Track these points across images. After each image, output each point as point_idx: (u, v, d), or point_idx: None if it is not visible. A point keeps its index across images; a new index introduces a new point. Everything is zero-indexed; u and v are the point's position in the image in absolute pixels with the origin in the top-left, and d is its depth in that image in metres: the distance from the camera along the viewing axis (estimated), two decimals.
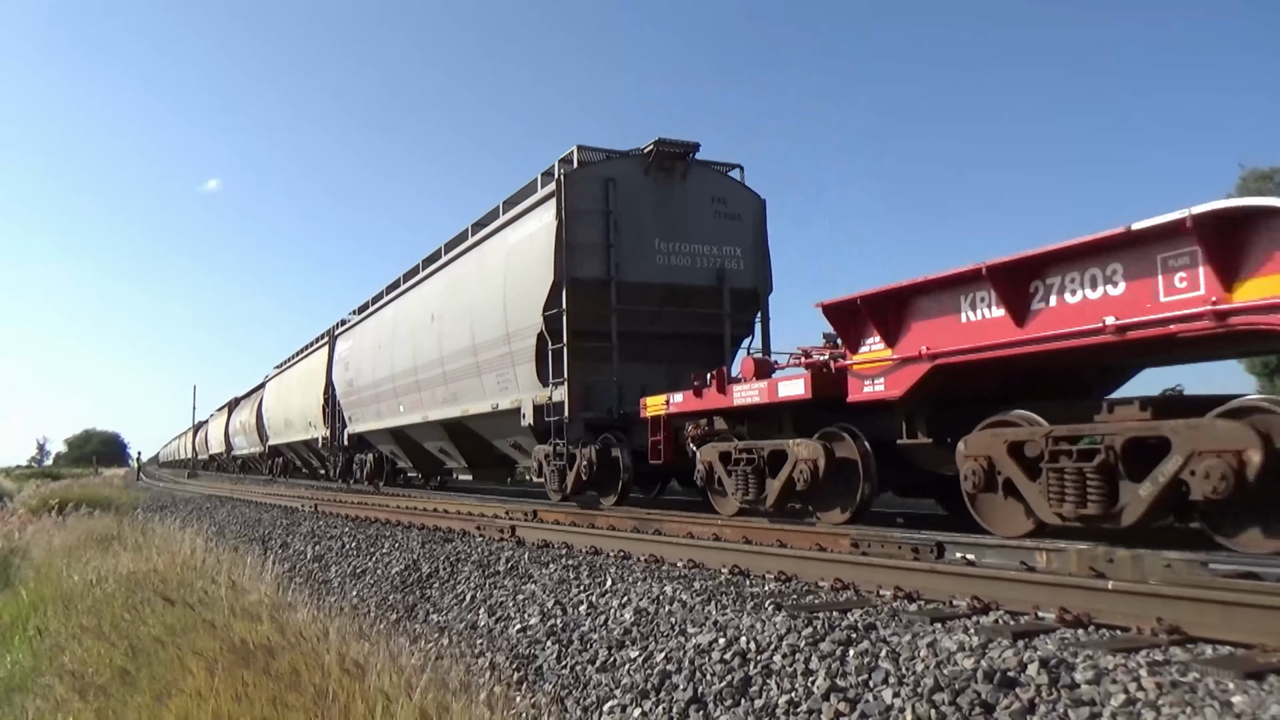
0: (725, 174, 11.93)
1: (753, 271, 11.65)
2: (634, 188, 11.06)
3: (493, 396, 12.48)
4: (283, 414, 27.65)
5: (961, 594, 4.26)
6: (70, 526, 14.26)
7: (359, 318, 19.89)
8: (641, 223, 11.01)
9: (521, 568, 6.32)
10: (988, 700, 2.92)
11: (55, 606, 7.50)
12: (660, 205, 11.17)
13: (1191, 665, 3.02)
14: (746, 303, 11.57)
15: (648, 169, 11.20)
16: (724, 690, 3.48)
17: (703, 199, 11.49)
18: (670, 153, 11.16)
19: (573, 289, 10.55)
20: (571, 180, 10.75)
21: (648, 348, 10.90)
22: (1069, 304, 5.20)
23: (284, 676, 3.83)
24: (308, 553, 9.27)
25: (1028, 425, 5.55)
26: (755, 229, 11.80)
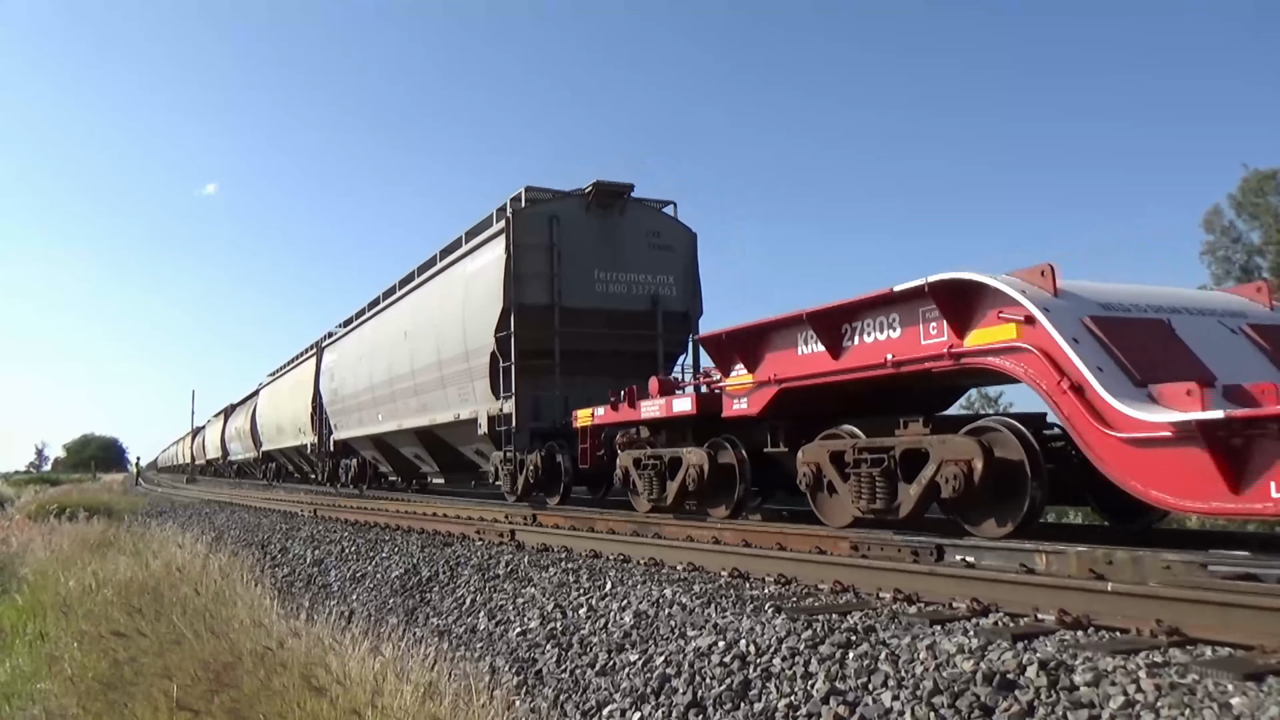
0: (659, 210, 13.31)
1: (684, 296, 13.00)
2: (576, 223, 12.41)
3: (455, 407, 13.80)
4: (275, 421, 28.91)
5: (961, 596, 4.26)
6: (68, 532, 14.25)
7: (344, 331, 21.29)
8: (583, 254, 12.35)
9: (521, 571, 6.32)
10: (987, 703, 2.92)
11: (54, 612, 7.49)
12: (600, 238, 12.53)
13: (1191, 667, 3.02)
14: (678, 324, 12.84)
15: (588, 207, 12.55)
16: (723, 694, 3.48)
17: (638, 233, 12.86)
18: (608, 192, 12.54)
19: (520, 314, 11.91)
20: (519, 217, 12.17)
21: (590, 365, 12.01)
22: (867, 343, 6.46)
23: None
24: (307, 557, 9.27)
25: (849, 438, 6.66)
26: (686, 259, 13.17)
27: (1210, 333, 5.70)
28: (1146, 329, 5.46)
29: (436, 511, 11.50)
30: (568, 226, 12.33)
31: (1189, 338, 5.49)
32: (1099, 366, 4.98)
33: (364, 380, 18.53)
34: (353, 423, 19.77)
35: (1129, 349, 5.16)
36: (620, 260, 12.63)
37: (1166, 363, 5.19)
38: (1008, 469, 5.59)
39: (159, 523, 15.83)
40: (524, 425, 11.85)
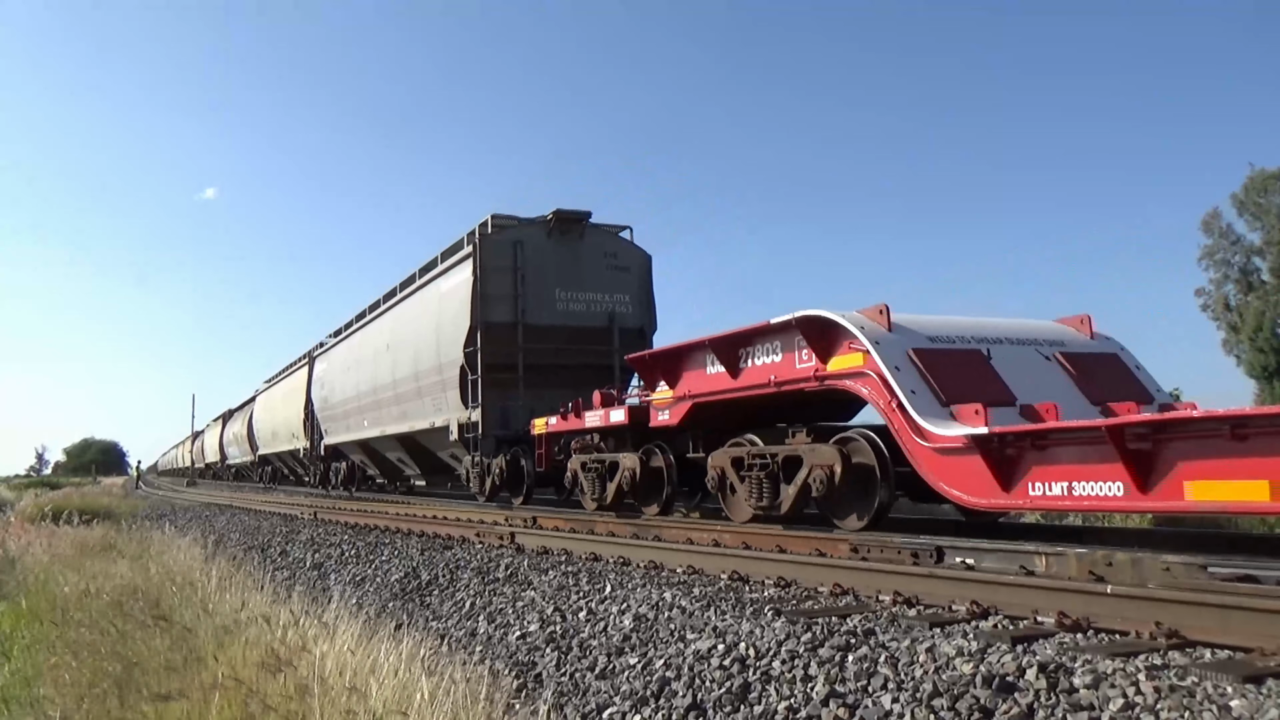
0: (616, 234, 14.31)
1: (639, 313, 14.00)
2: (538, 248, 13.45)
3: (430, 415, 14.82)
4: (270, 426, 30.17)
5: (961, 599, 4.26)
6: (67, 536, 14.24)
7: (334, 342, 22.43)
8: (544, 276, 13.38)
9: (521, 574, 6.32)
10: (987, 705, 2.92)
11: (52, 616, 7.48)
12: (560, 261, 13.57)
13: (1190, 669, 3.02)
14: (634, 339, 13.50)
15: (550, 232, 13.57)
16: (723, 697, 3.48)
17: (597, 255, 13.88)
18: (567, 218, 13.56)
19: (486, 331, 12.90)
20: (485, 243, 13.20)
21: (552, 377, 12.92)
22: (757, 366, 7.51)
23: None
24: (307, 560, 9.27)
25: (749, 445, 7.64)
26: (641, 279, 14.17)
27: (1024, 360, 6.79)
28: (963, 358, 6.55)
29: (436, 514, 11.50)
30: (531, 250, 13.36)
31: (1002, 364, 6.57)
32: (913, 390, 6.07)
33: (351, 389, 19.65)
34: (341, 428, 20.94)
35: (941, 375, 6.23)
36: (580, 280, 13.66)
37: (974, 386, 6.22)
38: (863, 472, 6.61)
39: (158, 526, 15.83)
40: (490, 432, 12.87)
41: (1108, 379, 6.98)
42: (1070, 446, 5.04)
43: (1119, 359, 7.41)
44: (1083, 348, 7.31)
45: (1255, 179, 39.28)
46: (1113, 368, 7.23)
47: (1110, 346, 7.53)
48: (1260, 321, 37.86)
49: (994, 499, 5.45)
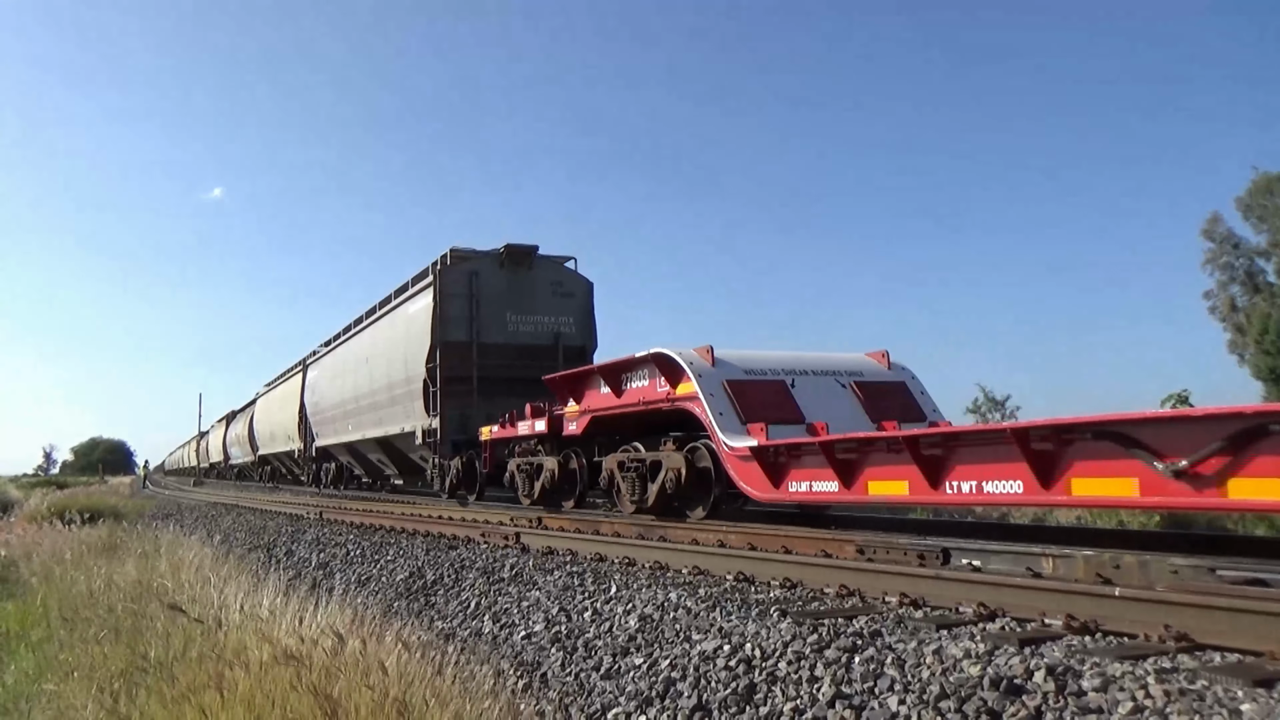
0: (562, 264, 16.21)
1: (581, 333, 15.87)
2: (491, 276, 15.43)
3: (401, 421, 16.77)
4: (269, 428, 32.30)
5: (967, 600, 4.24)
6: (75, 535, 14.27)
7: (324, 351, 24.40)
8: (497, 301, 15.36)
9: (526, 575, 6.31)
10: (994, 708, 2.91)
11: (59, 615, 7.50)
12: (511, 288, 15.54)
13: (1200, 672, 3.00)
14: (577, 356, 15.19)
15: (502, 263, 15.53)
16: (729, 697, 3.47)
17: (544, 283, 15.84)
18: (517, 251, 15.57)
19: (445, 350, 14.86)
20: (444, 273, 15.23)
21: (505, 388, 14.30)
22: (633, 388, 9.30)
23: None
24: (312, 560, 9.27)
25: (632, 451, 9.35)
26: (584, 303, 16.07)
27: (822, 387, 8.49)
28: (767, 386, 8.27)
29: (441, 514, 11.50)
30: (484, 279, 15.34)
31: (802, 392, 8.32)
32: (720, 412, 7.89)
33: (337, 396, 21.74)
34: (330, 432, 22.88)
35: (744, 400, 7.99)
36: (528, 305, 15.64)
37: (772, 409, 7.92)
38: (703, 474, 8.30)
39: (165, 525, 15.86)
40: (448, 437, 14.73)
41: (890, 402, 8.62)
42: (808, 455, 6.84)
43: (906, 386, 9.06)
44: (876, 376, 9.04)
45: (1260, 182, 39.16)
46: (898, 393, 8.87)
47: (901, 376, 9.21)
48: (1266, 324, 37.70)
49: (768, 493, 7.26)
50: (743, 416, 7.87)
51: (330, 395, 22.48)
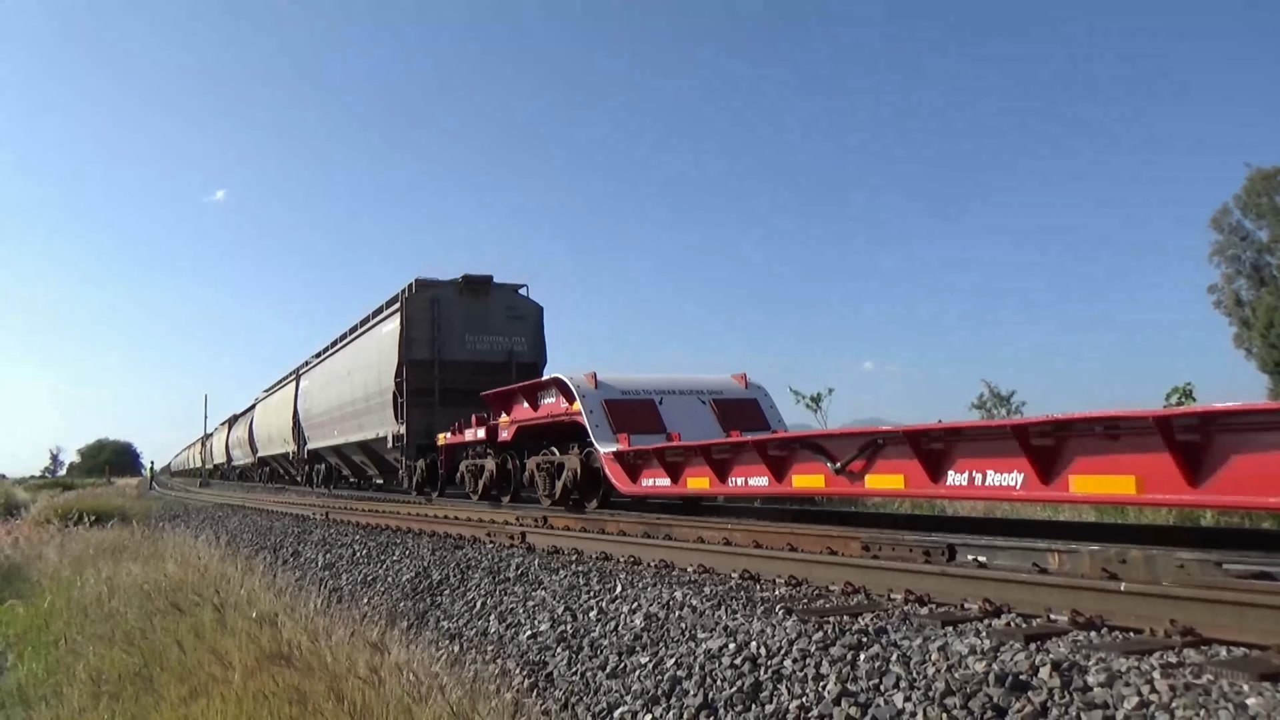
0: (515, 290, 18.62)
1: (532, 351, 18.21)
2: (451, 302, 17.84)
3: (376, 428, 19.27)
4: (267, 432, 34.75)
5: (973, 597, 4.23)
6: (82, 536, 14.32)
7: (316, 362, 26.60)
8: (456, 323, 17.73)
9: (532, 574, 6.32)
10: (1000, 704, 2.91)
11: (70, 616, 7.53)
12: (469, 312, 17.89)
13: (1205, 667, 2.99)
14: (528, 371, 17.33)
15: (461, 290, 17.89)
16: (734, 696, 3.47)
17: (499, 307, 18.22)
18: (474, 280, 17.98)
19: (410, 366, 17.40)
20: (410, 300, 17.75)
21: (463, 399, 15.79)
22: (545, 404, 11.53)
23: None
24: (318, 560, 9.29)
25: (548, 455, 11.34)
26: (535, 324, 18.46)
27: (686, 405, 10.58)
28: (638, 404, 10.38)
29: (447, 514, 11.51)
30: (445, 305, 17.72)
31: (668, 408, 10.43)
32: (597, 424, 9.97)
33: (325, 404, 24.26)
34: (319, 436, 25.40)
35: (616, 416, 10.06)
36: (485, 326, 17.97)
37: (639, 422, 10.03)
38: (595, 473, 10.24)
39: (172, 527, 15.90)
40: (413, 442, 17.09)
41: (742, 416, 10.59)
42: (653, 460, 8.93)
43: (757, 403, 11.08)
44: (734, 395, 11.09)
45: (1255, 179, 39.05)
46: (749, 408, 10.90)
47: (754, 394, 11.24)
48: (1272, 317, 37.57)
49: (628, 487, 9.30)
50: (614, 428, 9.96)
51: (319, 403, 25.06)
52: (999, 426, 5.59)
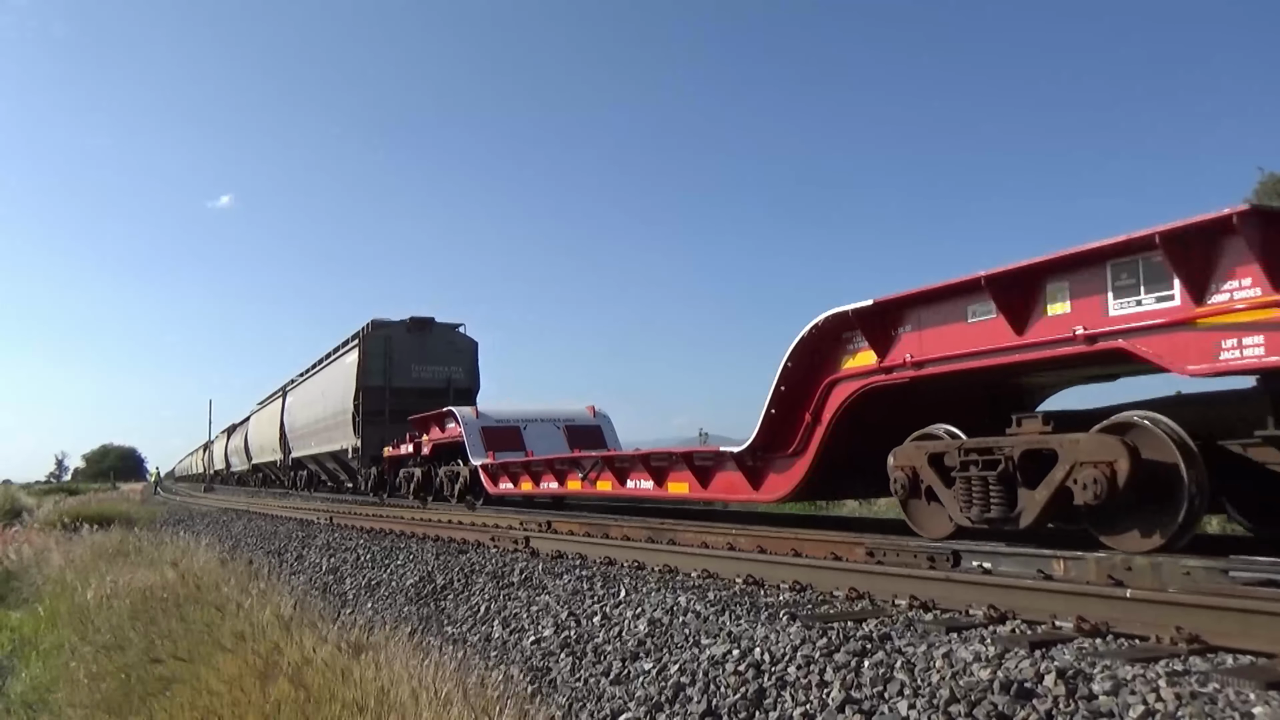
0: (454, 328, 23.30)
1: (467, 378, 22.62)
2: (401, 339, 22.32)
3: (341, 441, 23.52)
4: (259, 441, 39.04)
5: (978, 603, 4.22)
6: (86, 541, 14.35)
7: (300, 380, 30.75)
8: (405, 356, 22.12)
9: (535, 579, 6.31)
10: (1004, 712, 2.89)
11: (72, 622, 7.54)
12: (415, 347, 22.29)
13: (1212, 675, 2.98)
14: (464, 395, 21.13)
15: (409, 329, 22.46)
16: (738, 702, 3.46)
17: (440, 342, 22.76)
18: (419, 321, 22.61)
19: (365, 391, 21.86)
20: (366, 337, 22.31)
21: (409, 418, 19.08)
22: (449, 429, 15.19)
23: None
24: (323, 565, 9.29)
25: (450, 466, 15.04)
26: (470, 356, 23.11)
27: (544, 430, 14.36)
28: (506, 430, 14.11)
29: (451, 519, 11.51)
30: (396, 341, 22.16)
31: (529, 433, 14.18)
32: (473, 445, 13.90)
33: (304, 419, 28.66)
34: (301, 446, 29.74)
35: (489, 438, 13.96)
36: (428, 358, 22.30)
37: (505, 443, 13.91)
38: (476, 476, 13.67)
39: (175, 531, 15.92)
40: (367, 453, 21.08)
41: (587, 438, 14.41)
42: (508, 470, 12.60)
43: (600, 428, 15.11)
44: (583, 422, 15.07)
45: (1267, 183, 38.98)
46: (594, 433, 14.90)
47: (600, 421, 15.25)
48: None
49: (493, 489, 13.02)
50: (486, 447, 14.07)
51: (300, 418, 29.40)
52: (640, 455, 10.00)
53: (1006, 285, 5.57)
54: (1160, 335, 4.86)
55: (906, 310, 6.29)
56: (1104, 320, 5.12)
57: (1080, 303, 5.25)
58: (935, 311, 6.10)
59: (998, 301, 5.61)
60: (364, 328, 22.40)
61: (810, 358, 7.06)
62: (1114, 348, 5.06)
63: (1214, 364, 4.65)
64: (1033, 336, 5.49)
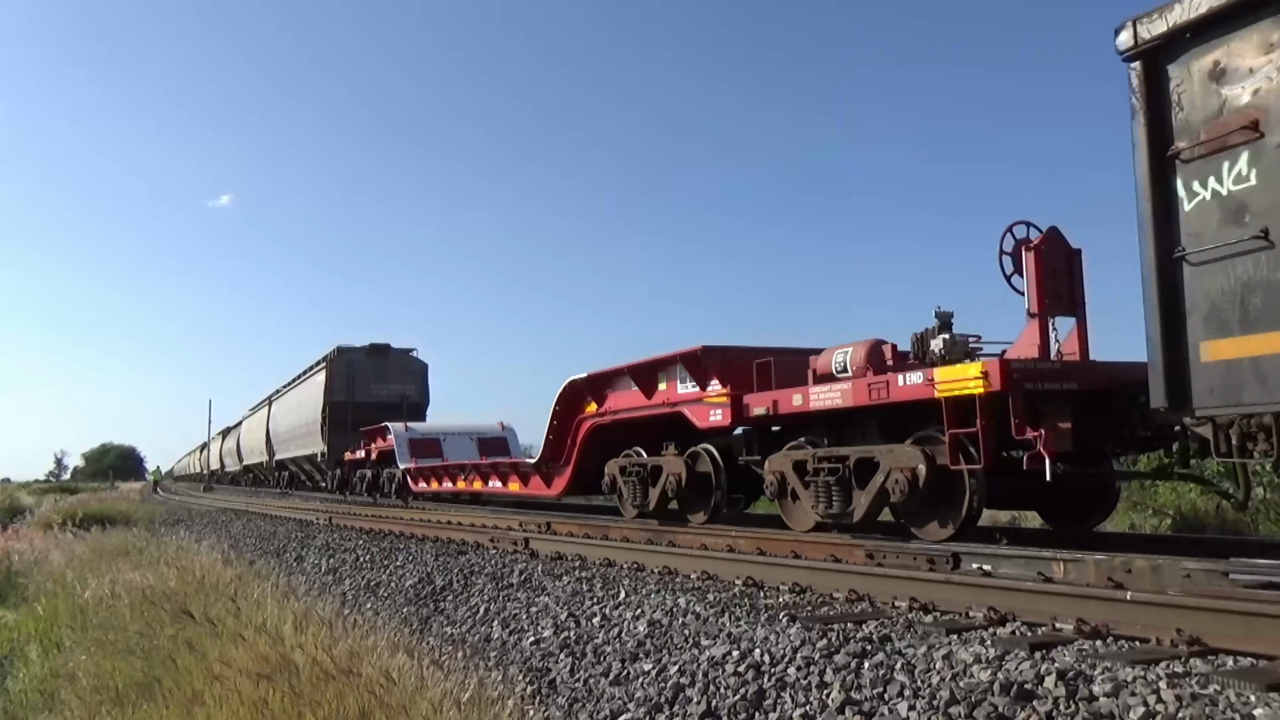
0: (408, 353, 28.03)
1: (419, 395, 27.21)
2: (362, 362, 26.95)
3: (313, 446, 27.66)
4: (249, 444, 42.76)
5: (978, 605, 4.22)
6: (86, 540, 14.34)
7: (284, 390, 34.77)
8: (365, 377, 26.62)
9: (535, 580, 6.31)
10: (1005, 714, 2.89)
11: (71, 621, 7.54)
12: (374, 368, 26.92)
13: (1212, 677, 2.98)
14: (416, 410, 25.90)
15: (369, 354, 27.18)
16: (738, 704, 3.46)
17: (396, 364, 27.46)
18: (377, 347, 27.32)
19: (331, 405, 26.13)
20: (332, 361, 27.00)
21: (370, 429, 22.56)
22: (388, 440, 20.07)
23: None
24: (322, 565, 9.29)
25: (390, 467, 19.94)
26: (422, 377, 27.74)
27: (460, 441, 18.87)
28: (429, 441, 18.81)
29: (451, 520, 11.52)
30: (358, 364, 26.76)
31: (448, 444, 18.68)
32: (401, 453, 18.49)
33: (285, 426, 32.69)
34: (283, 450, 33.63)
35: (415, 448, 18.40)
36: (385, 378, 26.80)
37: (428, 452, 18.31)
38: None
39: (176, 531, 15.92)
40: (333, 458, 25.01)
41: (494, 448, 18.38)
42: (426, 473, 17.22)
43: (505, 439, 19.07)
44: (492, 434, 19.19)
45: None
46: (500, 444, 18.73)
47: (505, 434, 19.32)
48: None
49: (417, 488, 17.42)
50: (411, 455, 18.09)
51: (283, 424, 33.34)
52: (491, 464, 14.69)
53: (640, 373, 9.79)
54: (692, 405, 8.87)
55: (605, 381, 10.49)
56: (676, 395, 9.24)
57: (669, 385, 9.38)
58: (614, 384, 10.37)
59: (636, 381, 9.87)
60: (331, 352, 27.19)
61: (567, 405, 11.23)
62: (678, 411, 9.10)
63: (709, 422, 8.62)
64: (653, 401, 9.62)
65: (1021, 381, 5.94)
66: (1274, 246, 4.29)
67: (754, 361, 8.17)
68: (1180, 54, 4.75)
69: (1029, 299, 6.59)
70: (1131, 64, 4.95)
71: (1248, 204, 4.42)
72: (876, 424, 7.18)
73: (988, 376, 5.95)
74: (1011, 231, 6.76)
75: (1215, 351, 4.51)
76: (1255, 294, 4.36)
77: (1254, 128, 4.38)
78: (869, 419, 7.22)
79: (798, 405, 7.49)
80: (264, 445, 37.25)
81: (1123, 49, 4.97)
